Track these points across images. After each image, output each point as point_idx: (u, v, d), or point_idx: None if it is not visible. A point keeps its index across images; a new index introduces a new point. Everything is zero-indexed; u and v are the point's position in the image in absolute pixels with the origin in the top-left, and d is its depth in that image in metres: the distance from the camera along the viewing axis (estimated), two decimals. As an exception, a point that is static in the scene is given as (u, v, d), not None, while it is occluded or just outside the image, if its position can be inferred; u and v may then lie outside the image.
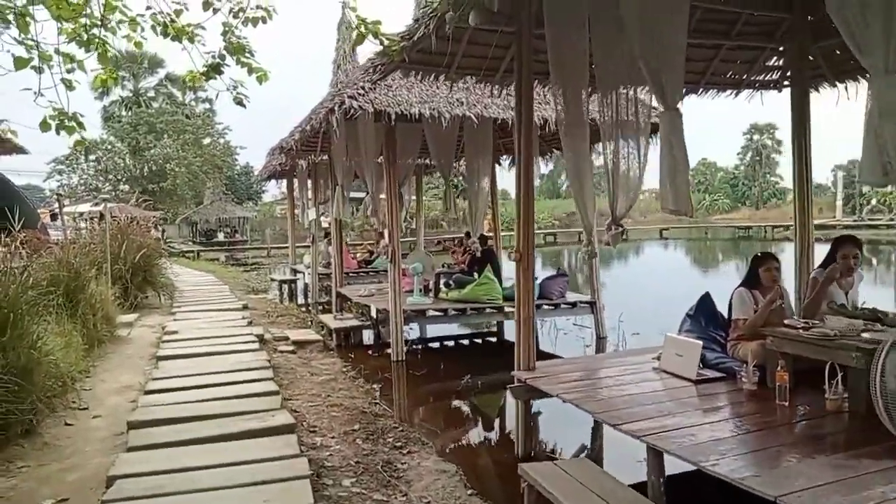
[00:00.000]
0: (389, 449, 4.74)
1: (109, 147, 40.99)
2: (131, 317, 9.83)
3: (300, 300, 16.07)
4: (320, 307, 13.86)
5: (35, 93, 3.63)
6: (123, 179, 40.04)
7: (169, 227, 36.96)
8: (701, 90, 6.78)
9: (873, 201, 44.74)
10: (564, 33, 4.61)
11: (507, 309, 8.89)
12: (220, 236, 41.02)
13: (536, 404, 5.21)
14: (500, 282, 9.30)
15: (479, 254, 8.89)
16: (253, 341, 7.90)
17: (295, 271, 17.85)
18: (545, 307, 9.09)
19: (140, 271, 11.23)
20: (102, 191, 34.33)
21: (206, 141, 44.85)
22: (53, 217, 14.43)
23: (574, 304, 9.31)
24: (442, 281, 9.76)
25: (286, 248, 33.03)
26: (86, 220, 14.09)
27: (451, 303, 8.97)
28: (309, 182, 15.43)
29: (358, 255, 17.12)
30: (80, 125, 4.22)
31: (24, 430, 4.08)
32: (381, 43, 4.34)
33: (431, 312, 8.58)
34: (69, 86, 4.17)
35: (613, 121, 4.71)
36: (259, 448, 4.11)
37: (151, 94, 50.12)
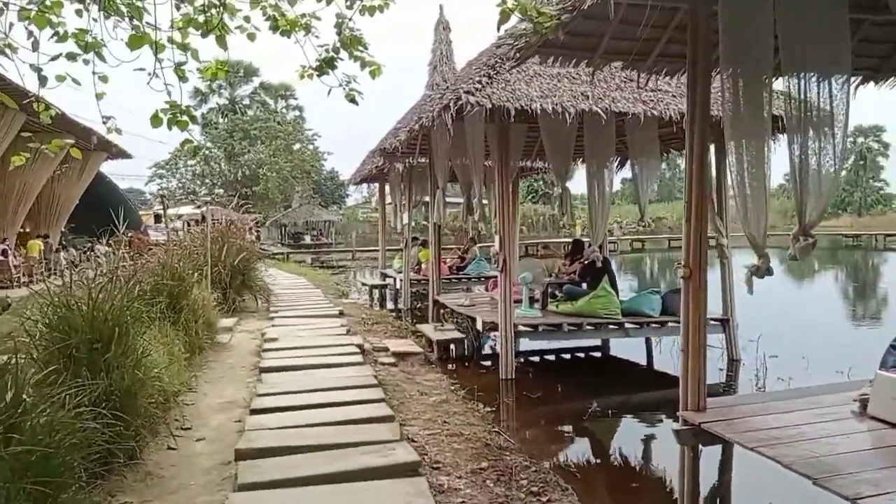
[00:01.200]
0: (526, 495, 4.04)
1: (207, 152, 42.77)
2: (230, 321, 9.64)
3: (389, 305, 15.72)
4: (411, 314, 13.44)
5: (150, 74, 3.20)
6: (219, 183, 41.68)
7: (260, 229, 37.97)
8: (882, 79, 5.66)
9: None
10: (743, 4, 3.79)
11: (627, 325, 8.03)
12: (307, 239, 41.87)
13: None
14: (617, 294, 8.44)
15: (599, 263, 8.05)
16: (355, 353, 7.42)
17: (385, 276, 17.54)
18: (671, 324, 8.12)
19: (238, 274, 11.10)
20: (199, 194, 35.71)
21: (296, 147, 46.09)
22: (157, 219, 14.69)
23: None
24: (549, 291, 9.00)
25: (371, 251, 33.34)
26: (185, 222, 14.27)
27: (564, 316, 8.18)
28: (402, 186, 15.07)
29: (447, 260, 16.60)
30: (193, 118, 3.84)
31: (127, 457, 3.66)
32: (531, 19, 3.67)
33: (544, 327, 7.82)
34: (182, 75, 3.78)
35: (803, 111, 3.84)
36: (383, 493, 3.51)
37: (246, 101, 52.09)
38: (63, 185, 22.83)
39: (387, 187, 17.56)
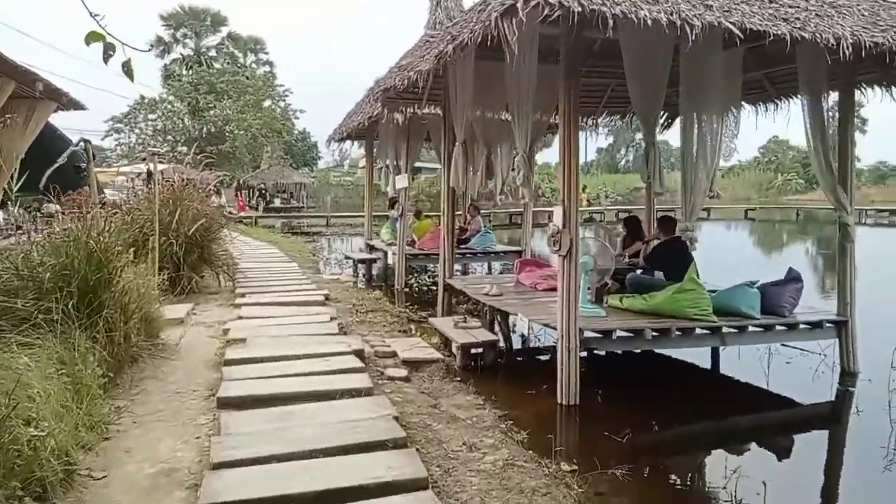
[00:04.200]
0: None
1: (169, 106, 39.32)
2: (182, 309, 7.33)
3: (375, 279, 13.53)
4: (406, 294, 11.30)
5: None
6: (182, 140, 38.35)
7: (227, 190, 34.99)
8: None
9: None
10: None
11: (725, 330, 5.96)
12: (277, 202, 38.99)
13: None
14: (699, 287, 6.36)
15: (693, 246, 5.94)
16: (359, 369, 5.23)
17: (371, 248, 15.28)
18: (778, 328, 6.11)
19: (195, 247, 8.74)
20: (152, 148, 32.43)
21: (266, 103, 42.85)
22: (77, 169, 12.05)
23: (818, 325, 6.27)
24: (607, 280, 6.88)
25: (348, 216, 30.73)
26: (130, 179, 11.72)
27: (636, 316, 6.09)
28: (397, 142, 12.74)
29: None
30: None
31: None
32: None
33: (620, 333, 5.69)
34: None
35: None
36: None
37: (213, 53, 48.30)
38: (6, 138, 20.03)
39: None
